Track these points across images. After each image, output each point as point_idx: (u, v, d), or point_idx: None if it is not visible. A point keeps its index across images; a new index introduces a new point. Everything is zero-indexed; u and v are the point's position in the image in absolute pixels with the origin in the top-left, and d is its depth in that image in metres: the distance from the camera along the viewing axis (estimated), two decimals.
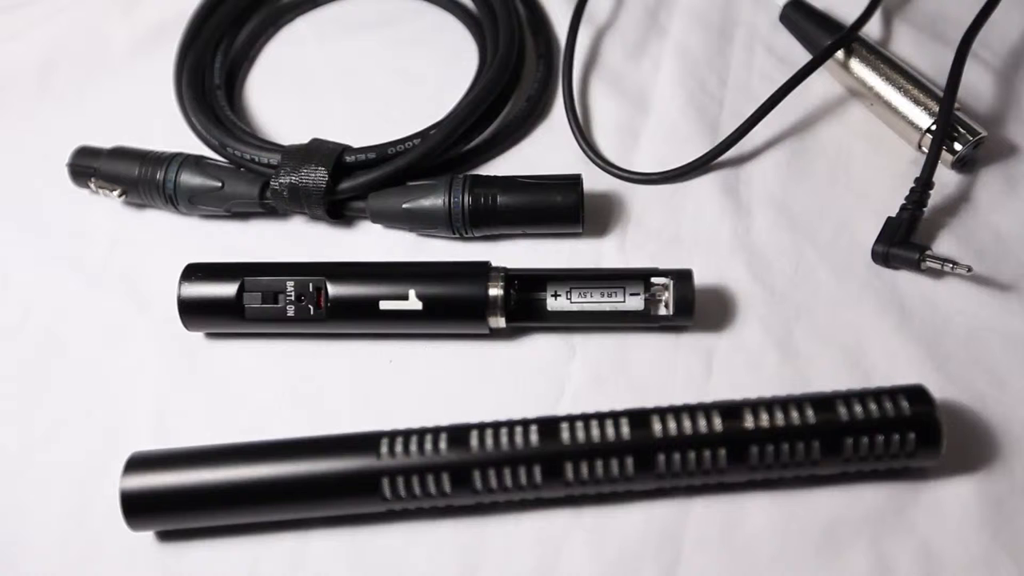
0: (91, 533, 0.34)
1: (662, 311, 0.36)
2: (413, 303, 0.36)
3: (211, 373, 0.38)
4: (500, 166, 0.44)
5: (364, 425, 0.33)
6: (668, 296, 0.35)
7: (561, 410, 0.33)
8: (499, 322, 0.36)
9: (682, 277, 0.36)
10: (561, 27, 0.49)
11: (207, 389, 0.38)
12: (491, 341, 0.38)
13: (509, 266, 0.37)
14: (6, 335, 0.40)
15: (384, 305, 0.36)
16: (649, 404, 0.32)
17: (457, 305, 0.36)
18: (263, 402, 0.37)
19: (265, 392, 0.37)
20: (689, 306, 0.35)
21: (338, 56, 0.51)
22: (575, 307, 0.36)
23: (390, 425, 0.33)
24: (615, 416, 0.31)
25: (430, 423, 0.32)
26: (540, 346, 0.37)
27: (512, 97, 0.46)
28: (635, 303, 0.36)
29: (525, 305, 0.37)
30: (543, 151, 0.45)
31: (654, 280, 0.36)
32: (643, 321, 0.36)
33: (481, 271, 0.37)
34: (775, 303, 0.38)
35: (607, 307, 0.36)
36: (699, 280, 0.36)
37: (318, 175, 0.40)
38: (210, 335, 0.39)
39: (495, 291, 0.36)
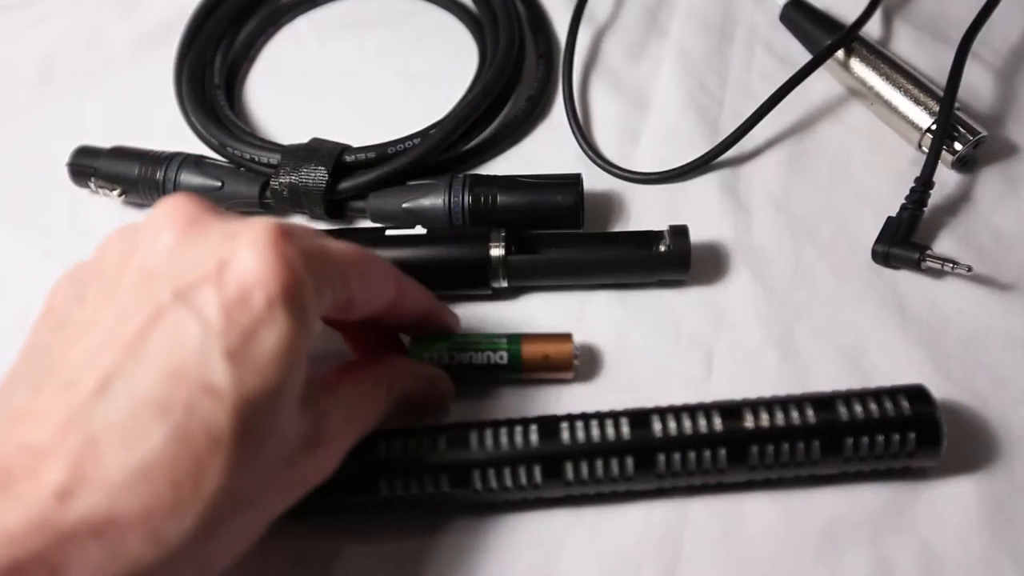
0: None
1: (661, 250, 0.37)
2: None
3: None
4: (500, 166, 0.44)
5: None
6: (665, 245, 0.37)
7: (561, 407, 0.33)
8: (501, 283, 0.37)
9: (678, 230, 0.37)
10: (561, 27, 0.49)
11: None
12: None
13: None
14: (6, 336, 0.40)
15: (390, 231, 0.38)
16: (649, 404, 0.32)
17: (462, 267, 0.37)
18: None
19: None
20: (686, 257, 0.37)
21: (338, 56, 0.51)
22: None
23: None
24: (615, 416, 0.31)
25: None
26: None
27: (512, 97, 0.46)
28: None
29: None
30: (543, 151, 0.45)
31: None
32: (642, 269, 0.37)
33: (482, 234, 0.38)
34: (775, 303, 0.38)
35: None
36: (699, 280, 0.36)
37: (318, 175, 0.40)
38: None
39: (497, 251, 0.37)
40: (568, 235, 0.39)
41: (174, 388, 0.22)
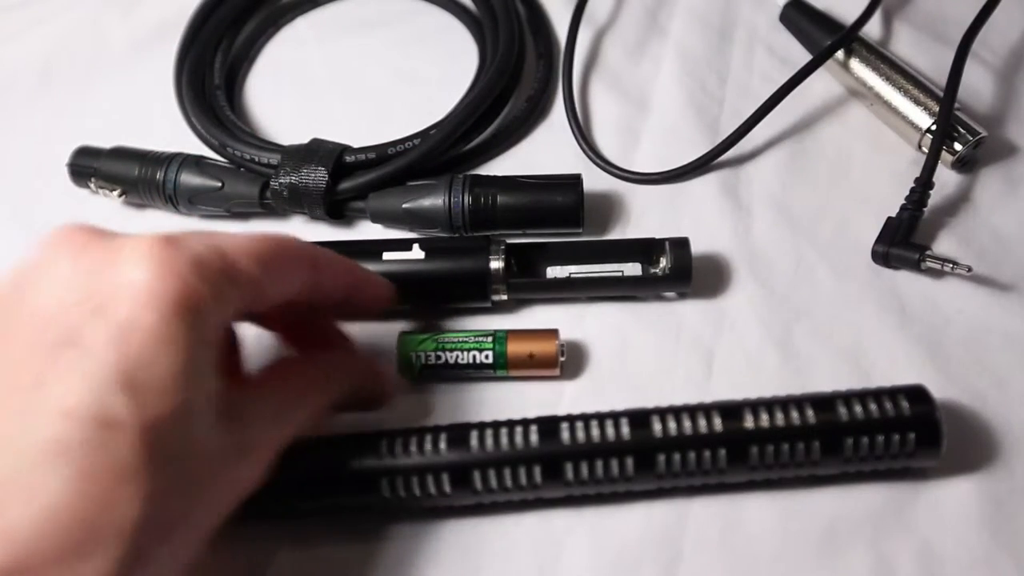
0: None
1: (661, 266, 0.37)
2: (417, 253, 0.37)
3: None
4: (500, 166, 0.44)
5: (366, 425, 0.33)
6: (665, 260, 0.36)
7: (561, 409, 0.33)
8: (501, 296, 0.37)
9: (679, 244, 0.37)
10: (561, 27, 0.49)
11: None
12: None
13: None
14: None
15: (387, 255, 0.37)
16: (649, 404, 0.32)
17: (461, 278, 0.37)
18: None
19: None
20: (687, 272, 0.36)
21: (338, 56, 0.51)
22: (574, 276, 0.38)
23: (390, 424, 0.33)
24: (615, 416, 0.31)
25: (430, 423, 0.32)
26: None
27: (512, 97, 0.46)
28: (633, 269, 0.38)
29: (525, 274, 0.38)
30: (543, 151, 0.45)
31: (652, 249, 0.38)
32: (642, 287, 0.37)
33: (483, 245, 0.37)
34: (775, 303, 0.38)
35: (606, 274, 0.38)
36: (699, 281, 0.36)
37: (318, 175, 0.40)
38: None
39: (496, 264, 0.36)
40: (568, 246, 0.39)
41: (70, 429, 0.22)
